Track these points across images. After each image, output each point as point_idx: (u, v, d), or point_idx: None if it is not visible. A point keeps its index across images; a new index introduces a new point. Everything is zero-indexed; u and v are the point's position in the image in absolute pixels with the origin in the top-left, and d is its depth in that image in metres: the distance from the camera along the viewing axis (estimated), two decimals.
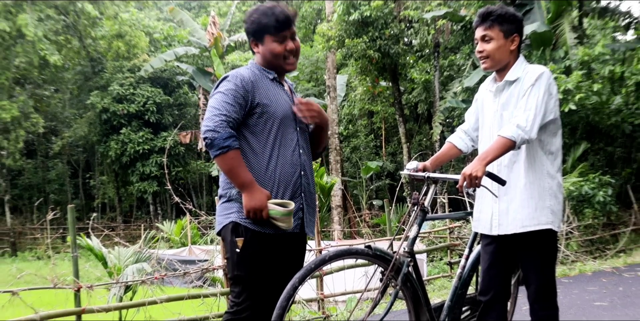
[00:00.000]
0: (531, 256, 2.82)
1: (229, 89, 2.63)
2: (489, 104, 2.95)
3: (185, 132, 24.53)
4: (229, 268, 2.71)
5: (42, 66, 23.91)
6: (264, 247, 2.64)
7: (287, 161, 2.71)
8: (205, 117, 2.61)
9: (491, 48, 2.83)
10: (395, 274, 2.62)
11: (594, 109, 12.02)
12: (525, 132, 2.64)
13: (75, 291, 4.55)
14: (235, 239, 2.63)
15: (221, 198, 2.75)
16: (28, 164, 28.86)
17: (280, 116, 2.72)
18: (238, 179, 2.58)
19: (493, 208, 2.86)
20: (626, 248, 10.52)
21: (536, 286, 2.81)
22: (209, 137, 2.54)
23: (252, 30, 2.76)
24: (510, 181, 2.78)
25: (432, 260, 10.82)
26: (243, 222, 2.63)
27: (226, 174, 2.62)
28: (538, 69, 2.79)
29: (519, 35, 2.85)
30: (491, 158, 2.65)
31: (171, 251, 12.55)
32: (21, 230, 24.87)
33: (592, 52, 12.12)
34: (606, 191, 10.63)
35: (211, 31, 22.69)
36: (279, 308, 2.38)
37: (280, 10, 2.73)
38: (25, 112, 23.32)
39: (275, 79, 2.81)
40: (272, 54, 2.75)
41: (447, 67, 17.82)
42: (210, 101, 2.66)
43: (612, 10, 15.94)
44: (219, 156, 2.55)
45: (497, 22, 2.82)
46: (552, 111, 2.76)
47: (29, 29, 20.93)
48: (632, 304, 5.21)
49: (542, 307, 2.82)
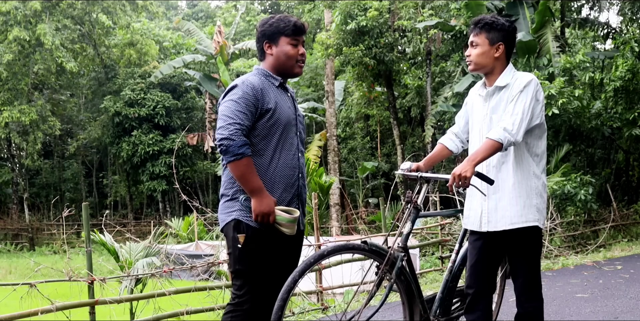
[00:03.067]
0: (519, 252, 2.83)
1: (240, 98, 2.60)
2: (479, 107, 2.94)
3: (192, 135, 24.51)
4: (231, 262, 2.70)
5: (59, 73, 23.89)
6: (263, 243, 2.62)
7: (288, 163, 2.70)
8: (219, 125, 2.57)
9: (475, 53, 2.84)
10: (389, 268, 2.61)
11: (575, 113, 12.03)
12: (512, 135, 2.64)
13: (89, 284, 4.53)
14: (237, 236, 2.62)
15: (223, 197, 2.73)
16: (45, 164, 28.80)
17: (285, 122, 2.70)
18: (249, 184, 2.56)
19: (482, 205, 2.84)
20: (606, 243, 10.52)
21: (523, 279, 2.82)
22: (224, 144, 2.52)
23: (269, 32, 2.74)
24: (498, 181, 2.78)
25: (425, 255, 10.80)
26: (245, 220, 2.62)
27: (238, 179, 2.58)
28: (527, 76, 2.79)
29: (504, 44, 2.83)
30: (480, 159, 2.64)
31: (179, 246, 12.51)
32: (39, 226, 24.81)
33: (574, 60, 12.14)
34: (587, 189, 10.63)
35: (217, 40, 22.67)
36: (280, 300, 2.37)
37: (296, 18, 2.77)
38: (43, 116, 23.28)
39: (280, 85, 2.78)
40: (286, 55, 2.73)
41: (438, 73, 17.81)
42: (222, 109, 2.61)
43: (591, 21, 15.97)
44: (233, 162, 2.53)
45: (484, 29, 2.82)
46: (538, 116, 2.76)
47: (47, 38, 20.91)
48: (611, 296, 5.21)
49: (528, 298, 2.83)
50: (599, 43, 18.72)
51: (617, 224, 11.84)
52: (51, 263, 12.19)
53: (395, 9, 16.58)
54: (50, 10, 22.43)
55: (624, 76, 12.30)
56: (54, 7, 22.55)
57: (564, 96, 11.25)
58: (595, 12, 17.43)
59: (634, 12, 15.52)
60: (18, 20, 21.33)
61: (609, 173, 15.11)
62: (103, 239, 6.52)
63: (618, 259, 8.06)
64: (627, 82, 12.43)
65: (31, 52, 21.99)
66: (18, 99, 22.01)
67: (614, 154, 15.67)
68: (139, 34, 24.88)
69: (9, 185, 26.16)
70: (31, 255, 18.66)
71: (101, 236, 6.56)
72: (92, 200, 28.80)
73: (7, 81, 21.75)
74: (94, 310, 4.44)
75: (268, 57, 2.78)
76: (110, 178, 29.72)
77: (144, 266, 5.73)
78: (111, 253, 6.49)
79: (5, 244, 20.42)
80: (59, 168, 29.94)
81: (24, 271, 13.44)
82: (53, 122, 23.55)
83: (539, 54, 12.83)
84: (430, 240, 9.27)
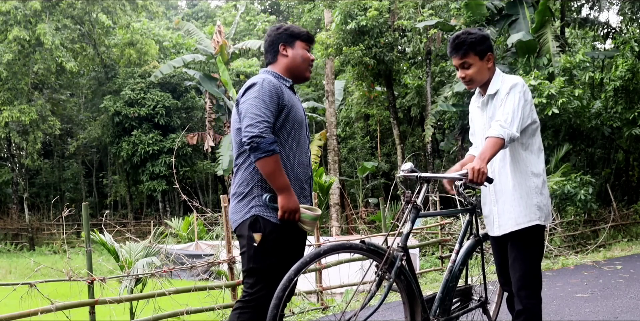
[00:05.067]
0: (518, 247, 2.86)
1: (264, 95, 2.63)
2: (478, 118, 3.02)
3: (192, 134, 24.50)
4: (244, 261, 2.72)
5: (59, 72, 23.87)
6: (281, 240, 2.65)
7: (302, 162, 2.77)
8: (248, 123, 2.57)
9: (472, 72, 2.88)
10: (389, 267, 2.61)
11: (575, 112, 12.02)
12: (509, 129, 2.67)
13: (89, 284, 4.53)
14: (252, 234, 2.64)
15: (237, 196, 2.73)
16: (45, 164, 28.80)
17: (298, 121, 2.75)
18: (278, 181, 2.59)
19: (492, 211, 2.93)
20: (606, 243, 10.52)
21: (521, 274, 2.83)
22: (255, 141, 2.53)
23: (285, 35, 2.81)
24: (501, 185, 2.85)
25: (425, 255, 10.79)
26: (265, 215, 2.64)
27: (268, 176, 2.59)
28: (512, 79, 2.84)
29: (491, 52, 2.90)
30: (489, 156, 2.65)
31: (179, 246, 12.51)
32: (38, 226, 24.81)
33: (574, 59, 12.13)
34: (587, 189, 10.62)
35: (217, 39, 22.66)
36: (276, 298, 2.37)
37: (305, 29, 2.91)
38: (43, 116, 23.28)
39: (291, 86, 2.82)
40: (302, 58, 2.81)
41: (438, 73, 17.81)
42: (247, 107, 2.62)
43: (591, 21, 15.96)
44: (264, 158, 2.55)
45: (470, 49, 2.85)
46: (529, 116, 2.82)
47: (47, 38, 20.90)
48: (611, 295, 5.21)
49: (527, 295, 2.83)
50: (599, 43, 18.72)
51: (617, 224, 11.83)
52: (51, 262, 12.18)
53: (395, 9, 16.58)
54: (50, 10, 22.42)
55: (624, 76, 12.31)
56: (54, 7, 22.54)
57: (564, 95, 11.25)
58: (595, 11, 17.43)
59: (634, 12, 15.51)
60: (18, 20, 21.32)
61: (609, 172, 15.11)
62: (103, 239, 6.51)
63: (618, 259, 8.05)
64: (627, 82, 12.43)
65: (31, 52, 21.98)
66: (18, 99, 22.00)
67: (614, 154, 15.66)
68: (139, 34, 24.87)
69: (9, 185, 26.16)
70: (31, 255, 18.66)
71: (101, 236, 6.55)
72: (92, 200, 28.81)
73: (7, 81, 21.74)
74: (94, 310, 4.44)
75: (282, 59, 2.82)
76: (110, 178, 29.72)
77: (144, 266, 5.73)
78: (111, 253, 6.49)
79: (5, 244, 20.43)
80: (59, 167, 29.94)
81: (24, 271, 13.44)
82: (53, 122, 23.54)
83: (539, 53, 12.82)
84: (430, 240, 9.26)
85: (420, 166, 20.73)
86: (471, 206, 3.11)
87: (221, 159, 20.70)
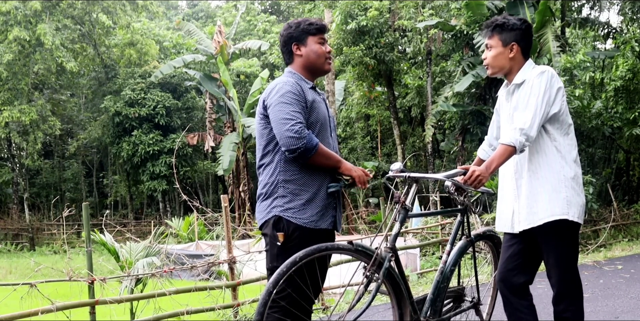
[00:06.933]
0: (549, 249, 2.73)
1: (291, 98, 2.64)
2: (504, 107, 2.95)
3: (192, 134, 24.49)
4: (268, 259, 2.73)
5: (59, 72, 23.89)
6: (302, 240, 2.64)
7: None
8: (283, 129, 2.58)
9: (491, 55, 2.86)
10: (377, 269, 2.58)
11: (576, 112, 12.02)
12: (525, 134, 2.61)
13: (89, 284, 4.54)
14: (275, 233, 2.66)
15: (261, 196, 2.74)
16: (45, 164, 28.82)
17: (322, 121, 2.76)
18: (333, 160, 2.69)
19: (514, 206, 2.81)
20: (606, 243, 10.51)
21: (556, 280, 2.71)
22: (299, 144, 2.56)
23: (296, 33, 2.79)
24: (527, 177, 2.76)
25: (425, 255, 10.79)
26: (285, 216, 2.65)
27: (324, 162, 2.66)
28: (540, 68, 2.77)
29: (518, 44, 2.82)
30: (495, 166, 2.62)
31: (179, 246, 12.52)
32: (39, 226, 24.83)
33: (574, 59, 12.13)
34: (588, 189, 10.62)
35: (217, 39, 22.65)
36: (257, 314, 2.31)
37: (315, 19, 2.84)
38: (43, 116, 23.29)
39: (313, 87, 2.82)
40: (316, 53, 2.79)
41: (438, 73, 17.81)
42: (276, 113, 2.62)
43: (592, 20, 15.94)
44: (315, 153, 2.60)
45: (496, 31, 2.83)
46: (557, 103, 2.71)
47: (47, 38, 20.91)
48: (612, 295, 5.21)
49: (564, 308, 2.68)
50: (600, 43, 18.72)
51: (617, 224, 11.83)
52: (51, 263, 12.20)
53: (396, 9, 16.58)
54: (50, 10, 22.43)
55: (624, 76, 12.31)
56: (54, 7, 22.55)
57: None
58: (596, 11, 17.42)
59: (634, 12, 15.50)
60: (18, 20, 21.33)
61: (610, 172, 15.11)
62: (103, 239, 6.51)
63: (618, 259, 8.05)
64: (627, 81, 12.43)
65: (31, 52, 21.99)
66: (18, 99, 22.02)
67: (614, 153, 15.66)
68: (139, 34, 24.88)
69: (9, 185, 26.18)
70: (31, 255, 18.66)
71: (101, 236, 6.55)
72: (93, 200, 28.81)
73: (7, 81, 21.76)
74: (94, 310, 4.44)
75: (297, 58, 2.81)
76: (111, 178, 29.73)
77: (144, 266, 5.73)
78: (111, 253, 6.49)
79: (5, 244, 20.42)
80: (59, 167, 29.95)
81: (24, 271, 13.45)
82: (53, 122, 23.56)
83: (539, 53, 12.82)
84: (431, 240, 9.27)
85: (421, 166, 20.74)
86: (462, 206, 3.00)
87: (221, 159, 20.68)
